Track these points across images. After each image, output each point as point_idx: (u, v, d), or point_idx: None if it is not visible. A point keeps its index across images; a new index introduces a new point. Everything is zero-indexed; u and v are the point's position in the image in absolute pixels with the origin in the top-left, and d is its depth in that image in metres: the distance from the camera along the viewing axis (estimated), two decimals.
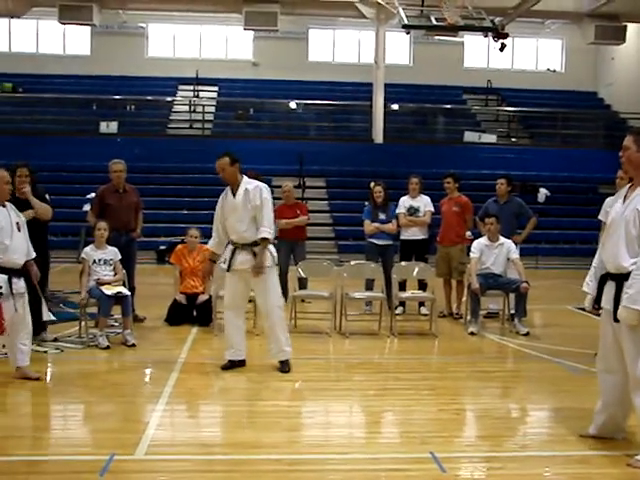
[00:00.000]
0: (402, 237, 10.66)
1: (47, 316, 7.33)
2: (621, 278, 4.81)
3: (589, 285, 5.27)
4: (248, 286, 7.30)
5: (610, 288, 4.92)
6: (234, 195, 7.19)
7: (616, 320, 4.84)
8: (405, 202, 10.65)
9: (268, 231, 7.07)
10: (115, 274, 8.60)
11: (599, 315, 5.19)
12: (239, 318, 7.38)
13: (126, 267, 8.95)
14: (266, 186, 7.27)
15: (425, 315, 10.24)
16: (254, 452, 5.05)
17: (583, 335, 8.68)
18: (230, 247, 7.26)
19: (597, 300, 5.10)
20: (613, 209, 5.04)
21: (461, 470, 4.80)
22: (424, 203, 10.63)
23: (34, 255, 7.00)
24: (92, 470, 4.60)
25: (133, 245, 9.67)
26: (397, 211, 10.55)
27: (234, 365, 7.28)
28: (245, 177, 7.29)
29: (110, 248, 8.67)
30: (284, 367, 7.23)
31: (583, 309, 5.31)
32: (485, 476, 4.74)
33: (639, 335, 4.76)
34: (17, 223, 6.69)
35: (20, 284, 6.55)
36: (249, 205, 7.08)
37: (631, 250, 4.77)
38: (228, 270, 7.22)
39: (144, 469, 4.72)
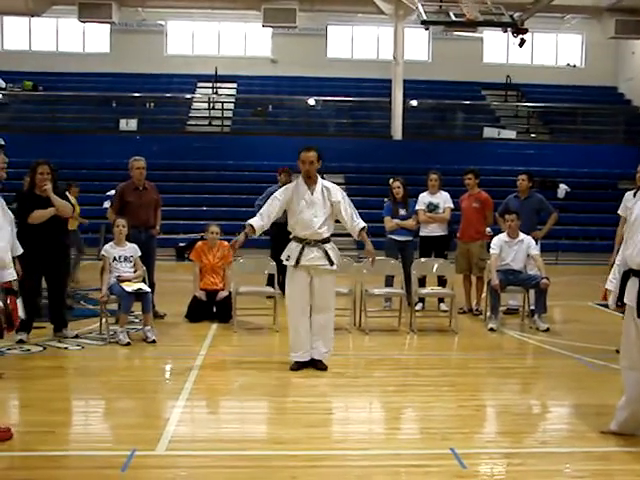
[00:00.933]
0: (421, 233, 10.63)
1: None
2: None
3: (612, 283, 5.25)
4: (309, 283, 7.15)
5: (633, 284, 4.89)
6: (311, 191, 7.07)
7: (639, 316, 4.83)
8: (424, 198, 10.63)
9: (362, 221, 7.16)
10: (135, 271, 8.65)
11: (624, 312, 5.17)
12: (305, 316, 7.17)
13: (146, 264, 9.00)
14: None
15: (445, 311, 10.23)
16: (274, 448, 5.08)
17: (603, 331, 8.63)
18: (296, 244, 7.10)
19: (620, 297, 5.07)
20: (637, 206, 5.01)
21: (481, 466, 4.80)
22: (443, 199, 10.61)
23: (20, 252, 7.04)
24: (113, 466, 4.64)
25: (153, 242, 9.72)
26: (416, 207, 10.54)
27: (303, 366, 7.15)
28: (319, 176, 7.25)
29: (130, 245, 8.72)
30: (322, 365, 7.19)
31: (604, 305, 5.29)
32: (505, 472, 4.74)
33: None
34: None
35: None
36: (328, 202, 7.04)
37: None
38: (296, 265, 7.03)
39: (165, 465, 4.75)
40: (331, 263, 7.08)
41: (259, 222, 7.16)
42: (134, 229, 9.01)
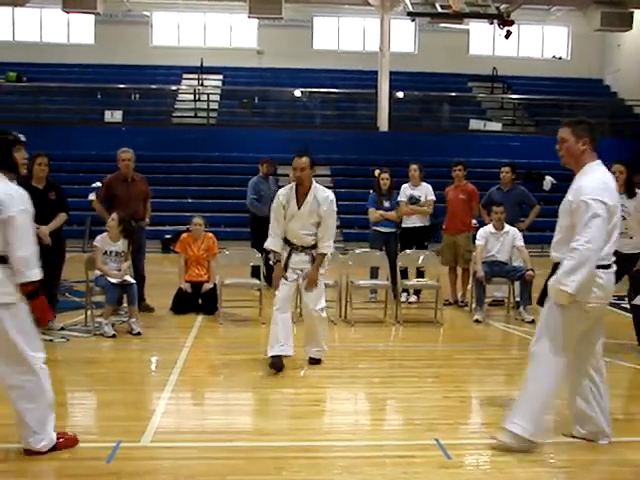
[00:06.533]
0: (403, 225, 10.62)
1: None
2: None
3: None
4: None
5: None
6: (300, 202, 6.93)
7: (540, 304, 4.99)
8: (406, 190, 10.61)
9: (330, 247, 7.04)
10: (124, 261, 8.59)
11: None
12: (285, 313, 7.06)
13: (136, 256, 8.98)
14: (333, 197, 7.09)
15: (411, 303, 10.47)
16: (259, 439, 5.08)
17: None
18: (285, 246, 7.06)
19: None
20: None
21: (466, 457, 4.82)
22: (425, 192, 10.57)
23: None
24: (99, 457, 4.64)
25: (142, 234, 9.67)
26: (398, 199, 10.53)
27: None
28: (315, 182, 7.06)
29: (122, 240, 8.63)
30: (315, 361, 7.21)
31: None
32: (489, 462, 4.75)
33: (551, 317, 4.85)
34: None
35: None
36: (316, 215, 6.91)
37: (566, 239, 4.86)
38: (285, 270, 7.01)
39: (150, 456, 4.75)
40: None
41: (276, 242, 7.06)
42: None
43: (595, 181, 4.79)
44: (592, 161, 4.90)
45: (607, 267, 4.81)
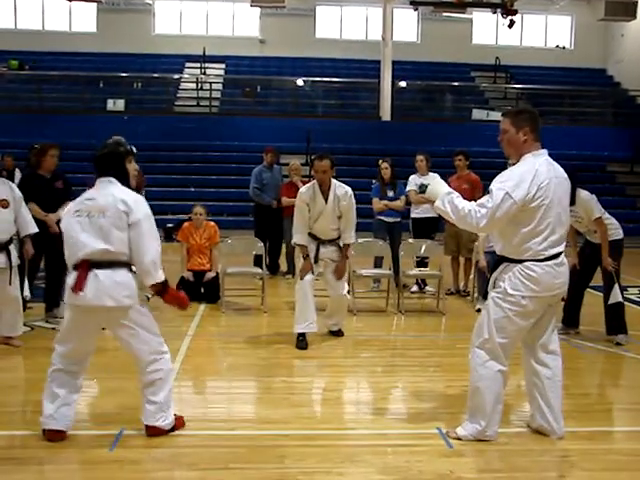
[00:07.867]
0: (414, 215, 10.61)
1: (25, 292, 7.49)
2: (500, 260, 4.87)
3: None
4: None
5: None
6: (324, 200, 7.41)
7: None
8: (415, 180, 10.57)
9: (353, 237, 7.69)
10: None
11: None
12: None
13: None
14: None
15: (413, 292, 10.52)
16: (262, 428, 5.09)
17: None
18: (312, 240, 7.52)
19: None
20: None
21: (467, 446, 4.81)
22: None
23: (33, 231, 7.05)
24: (102, 445, 4.65)
25: None
26: (408, 188, 10.52)
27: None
28: (333, 180, 7.53)
29: None
30: (339, 333, 7.88)
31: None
32: (491, 451, 4.75)
33: (489, 309, 4.82)
34: (4, 200, 6.75)
35: (1, 259, 6.77)
36: (338, 210, 7.43)
37: (500, 232, 4.89)
38: (316, 262, 7.49)
39: (153, 444, 4.75)
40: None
41: (303, 238, 7.50)
42: None
43: (513, 173, 4.71)
44: (532, 151, 4.79)
45: (541, 260, 4.65)
